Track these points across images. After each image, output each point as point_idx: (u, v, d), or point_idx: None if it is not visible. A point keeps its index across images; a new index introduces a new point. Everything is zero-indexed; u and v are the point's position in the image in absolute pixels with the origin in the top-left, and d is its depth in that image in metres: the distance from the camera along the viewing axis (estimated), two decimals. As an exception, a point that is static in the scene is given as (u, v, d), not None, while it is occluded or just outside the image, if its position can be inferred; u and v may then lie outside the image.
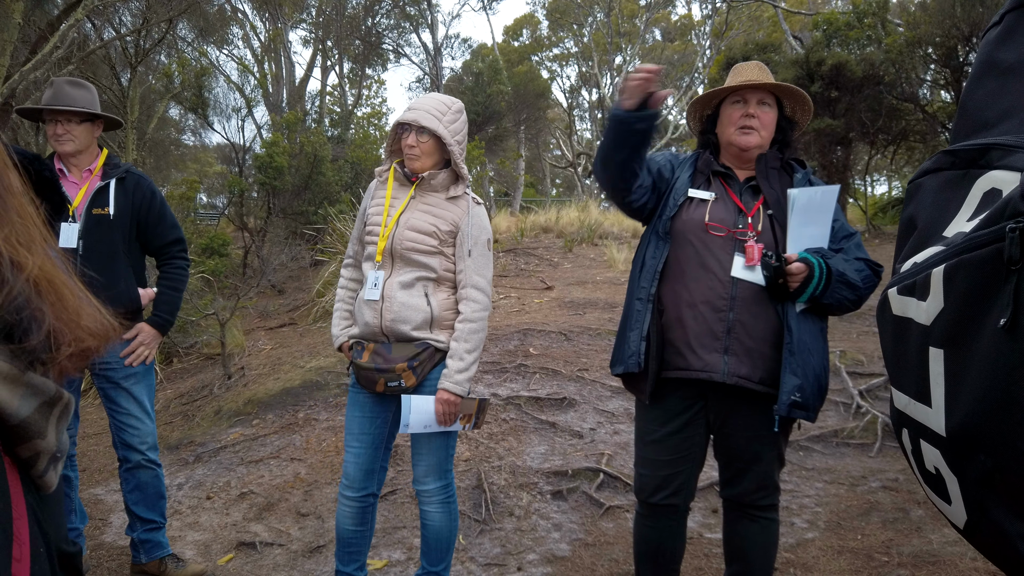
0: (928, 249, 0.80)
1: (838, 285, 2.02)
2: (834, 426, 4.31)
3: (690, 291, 2.12)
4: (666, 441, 2.19)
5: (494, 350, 5.75)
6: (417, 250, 2.37)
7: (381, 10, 19.40)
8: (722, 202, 2.19)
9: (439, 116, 2.39)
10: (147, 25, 10.43)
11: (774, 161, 2.25)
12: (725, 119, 2.25)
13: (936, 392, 0.77)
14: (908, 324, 0.82)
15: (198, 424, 5.11)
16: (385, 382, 2.34)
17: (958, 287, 0.72)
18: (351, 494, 2.47)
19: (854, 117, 11.10)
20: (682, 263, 2.16)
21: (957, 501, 0.77)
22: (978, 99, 0.86)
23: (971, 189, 0.77)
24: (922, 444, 0.82)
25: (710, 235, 2.14)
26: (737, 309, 2.07)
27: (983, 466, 0.70)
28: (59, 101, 2.75)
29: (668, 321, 2.15)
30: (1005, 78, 0.82)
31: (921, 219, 0.87)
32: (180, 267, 2.95)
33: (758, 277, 2.07)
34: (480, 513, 3.51)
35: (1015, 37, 0.83)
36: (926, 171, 0.89)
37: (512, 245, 10.73)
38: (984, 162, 0.77)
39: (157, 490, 2.92)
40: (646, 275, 2.20)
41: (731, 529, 2.29)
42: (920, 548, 2.96)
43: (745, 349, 2.06)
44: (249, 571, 3.11)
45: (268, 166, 10.20)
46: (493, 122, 17.69)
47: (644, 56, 24.80)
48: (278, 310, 8.60)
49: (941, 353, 0.75)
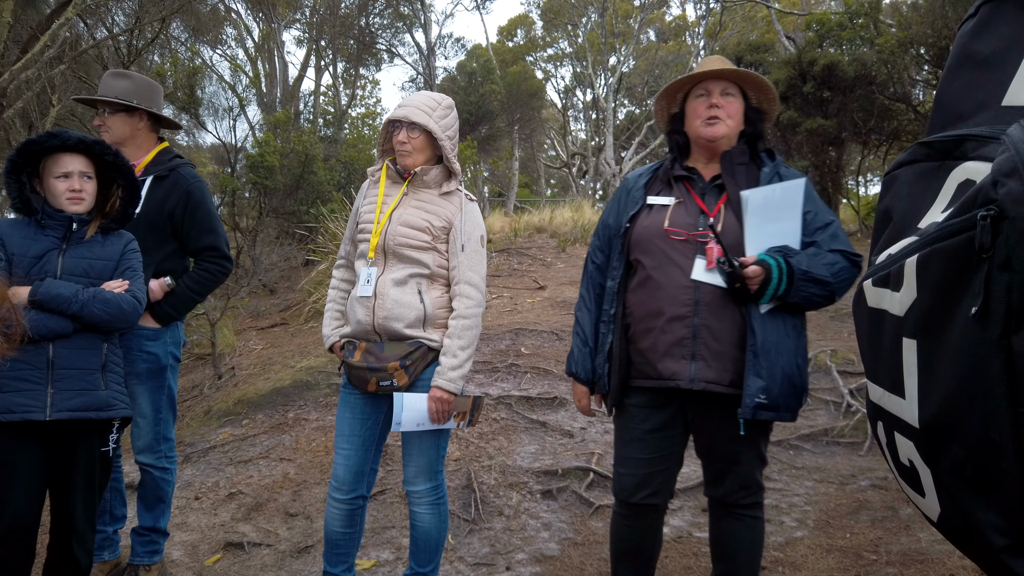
0: (903, 240, 0.80)
1: (803, 283, 1.99)
2: (824, 425, 4.32)
3: (655, 299, 2.11)
4: (646, 439, 2.19)
5: (486, 349, 5.75)
6: (410, 246, 2.36)
7: (375, 10, 19.37)
8: (684, 205, 2.18)
9: (429, 112, 2.39)
10: (140, 25, 10.38)
11: (741, 156, 2.19)
12: (691, 114, 2.24)
13: (910, 383, 0.76)
14: (883, 316, 0.81)
15: (188, 424, 5.08)
16: (377, 381, 2.32)
17: (931, 276, 0.71)
18: (340, 496, 2.45)
19: (847, 117, 11.12)
20: (647, 272, 2.16)
21: (931, 493, 0.77)
22: (953, 91, 0.86)
23: (946, 180, 0.77)
24: (896, 436, 0.81)
25: (670, 240, 2.12)
26: (701, 313, 2.05)
27: (956, 457, 0.70)
28: (99, 92, 2.76)
29: (637, 332, 2.16)
30: (980, 70, 0.82)
31: (897, 211, 0.86)
32: (207, 269, 2.85)
33: (720, 279, 2.05)
34: (469, 513, 3.50)
35: (990, 29, 0.82)
36: (902, 163, 0.88)
37: (506, 245, 10.73)
38: (959, 153, 0.77)
39: (155, 493, 2.89)
40: (607, 297, 2.25)
41: (717, 528, 2.28)
42: (908, 546, 2.96)
43: (712, 353, 2.04)
44: (237, 571, 3.09)
45: (259, 165, 10.16)
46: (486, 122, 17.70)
47: (639, 56, 24.81)
48: (269, 310, 8.58)
49: (915, 343, 0.75)
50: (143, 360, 2.75)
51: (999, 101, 0.77)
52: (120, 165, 2.38)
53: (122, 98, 2.78)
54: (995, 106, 0.77)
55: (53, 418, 2.15)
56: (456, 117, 2.50)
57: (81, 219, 2.31)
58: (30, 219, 2.28)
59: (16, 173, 2.24)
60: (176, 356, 2.92)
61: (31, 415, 2.12)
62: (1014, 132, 0.65)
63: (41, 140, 2.24)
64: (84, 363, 2.23)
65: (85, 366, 2.23)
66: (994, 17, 0.82)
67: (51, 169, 2.27)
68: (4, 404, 2.10)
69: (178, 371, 2.99)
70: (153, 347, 2.78)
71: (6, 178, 2.23)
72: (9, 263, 2.19)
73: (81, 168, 2.29)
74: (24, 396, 2.12)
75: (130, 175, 2.41)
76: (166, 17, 10.63)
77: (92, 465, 2.27)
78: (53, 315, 2.16)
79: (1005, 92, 0.76)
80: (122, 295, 2.29)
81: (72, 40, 9.58)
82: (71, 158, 2.28)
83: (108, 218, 2.39)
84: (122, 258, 2.39)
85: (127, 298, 2.30)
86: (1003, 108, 0.75)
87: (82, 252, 2.30)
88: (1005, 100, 0.76)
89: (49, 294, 2.15)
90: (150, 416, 2.81)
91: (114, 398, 2.30)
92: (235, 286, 7.65)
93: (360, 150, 12.48)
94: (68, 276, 2.24)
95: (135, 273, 2.40)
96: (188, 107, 12.00)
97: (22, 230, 2.25)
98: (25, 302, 2.14)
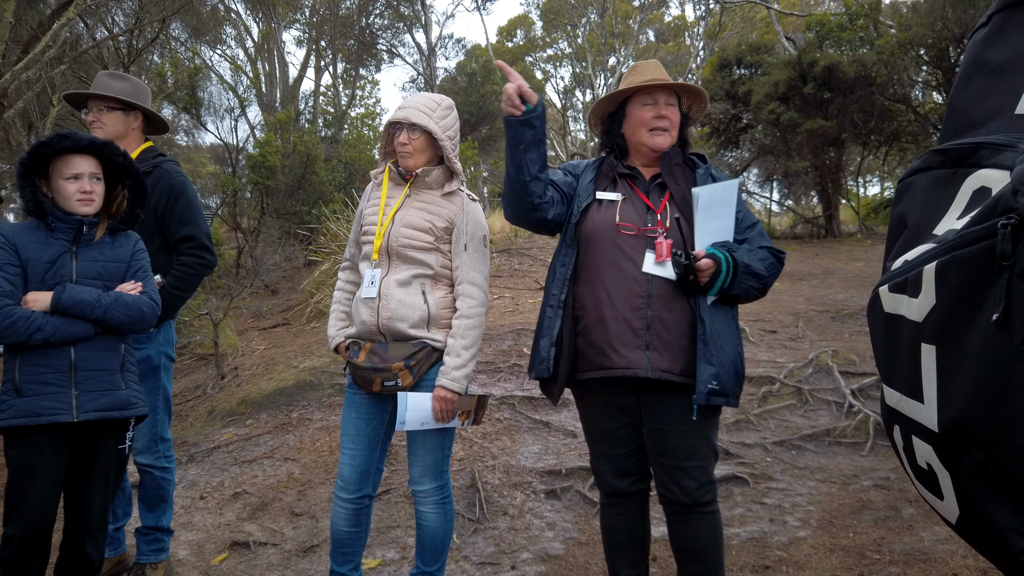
0: (919, 247, 0.80)
1: (744, 276, 2.12)
2: (826, 425, 4.33)
3: (608, 292, 2.17)
4: (614, 435, 2.26)
5: (488, 350, 5.76)
6: (413, 247, 2.38)
7: (375, 10, 19.37)
8: (630, 202, 2.26)
9: (429, 112, 2.41)
10: (140, 25, 10.38)
11: (676, 158, 2.32)
12: (635, 120, 2.29)
13: (928, 388, 0.77)
14: (900, 321, 0.82)
15: (191, 424, 5.10)
16: (382, 382, 2.33)
17: (950, 283, 0.72)
18: (346, 496, 2.47)
19: (846, 118, 11.15)
20: (598, 265, 2.21)
21: (949, 496, 0.78)
22: (966, 99, 0.87)
23: (961, 187, 0.78)
24: (914, 440, 0.82)
25: (622, 235, 2.20)
26: (654, 305, 2.14)
27: (976, 460, 0.70)
28: (94, 89, 2.80)
29: (589, 323, 2.20)
30: (993, 78, 0.83)
31: (911, 217, 0.87)
32: (186, 264, 2.85)
33: (669, 272, 2.14)
34: (474, 512, 3.52)
35: (1003, 37, 0.83)
36: (916, 170, 0.89)
37: (506, 245, 10.74)
38: (973, 161, 0.77)
39: (156, 493, 2.91)
40: (556, 283, 2.27)
41: (679, 532, 2.24)
42: (912, 546, 2.98)
43: (664, 343, 2.12)
44: (243, 571, 3.11)
45: (261, 165, 10.18)
46: (487, 122, 17.71)
47: (638, 57, 24.84)
48: (271, 310, 8.59)
49: (933, 349, 0.76)
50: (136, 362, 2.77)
51: (1012, 109, 0.78)
52: (128, 166, 2.40)
53: (117, 95, 2.84)
54: (1008, 114, 0.78)
55: (80, 419, 2.19)
56: (456, 117, 2.51)
57: (90, 221, 2.33)
58: (39, 222, 2.29)
59: (28, 176, 2.25)
60: (169, 356, 2.94)
61: (59, 417, 2.16)
62: None
63: (52, 142, 2.25)
64: (105, 364, 2.27)
65: (106, 367, 2.27)
66: (1006, 26, 0.83)
67: (60, 170, 2.27)
68: (30, 408, 2.14)
69: (172, 371, 3.00)
70: (146, 348, 2.79)
71: (19, 181, 2.24)
72: (23, 269, 2.21)
73: (91, 170, 2.30)
74: (50, 399, 2.16)
75: (137, 176, 2.43)
76: (166, 17, 10.63)
77: (110, 463, 2.31)
78: (76, 320, 2.20)
79: (1019, 100, 0.77)
80: (140, 297, 2.32)
81: (72, 40, 9.59)
82: (81, 159, 2.29)
83: (115, 219, 2.41)
84: (132, 259, 2.41)
85: (146, 300, 2.33)
86: (1016, 116, 0.76)
87: (94, 254, 2.32)
88: (1018, 108, 0.77)
89: (72, 300, 2.18)
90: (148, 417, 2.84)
91: (134, 397, 2.35)
92: (237, 286, 7.67)
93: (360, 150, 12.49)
94: (83, 279, 2.26)
95: (146, 274, 2.42)
96: (189, 107, 12.01)
97: (33, 234, 2.26)
98: (47, 308, 2.17)
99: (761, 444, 4.15)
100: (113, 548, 2.95)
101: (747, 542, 3.13)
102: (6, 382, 2.19)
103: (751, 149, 14.37)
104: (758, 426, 4.41)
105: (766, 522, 3.31)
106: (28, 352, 2.18)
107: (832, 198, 12.46)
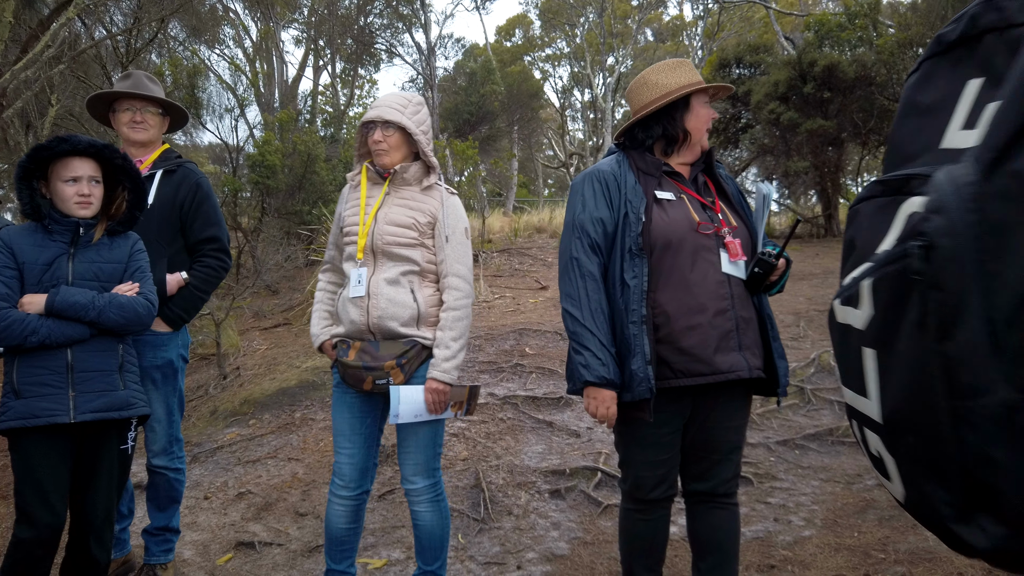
0: (862, 265, 0.94)
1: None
2: (829, 424, 4.34)
3: (694, 295, 2.09)
4: (663, 441, 2.21)
5: (490, 350, 5.76)
6: (398, 243, 2.40)
7: (374, 10, 19.36)
8: (687, 201, 2.20)
9: (401, 109, 2.44)
10: (138, 24, 10.37)
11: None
12: (702, 116, 2.23)
13: (871, 386, 0.91)
14: (848, 330, 0.96)
15: (194, 424, 5.10)
16: (373, 380, 2.34)
17: (882, 296, 0.87)
18: (347, 493, 2.47)
19: (846, 118, 11.17)
20: (680, 269, 2.11)
21: (896, 478, 0.91)
22: (902, 135, 1.00)
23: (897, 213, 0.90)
24: (866, 432, 0.96)
25: (698, 235, 2.14)
26: (737, 305, 2.14)
27: (910, 445, 0.85)
28: (143, 91, 2.84)
29: (675, 331, 2.09)
30: (923, 118, 0.96)
31: (859, 240, 1.00)
32: (208, 265, 2.87)
33: (740, 272, 2.16)
34: (479, 512, 3.52)
35: (931, 81, 0.97)
36: (862, 198, 1.02)
37: (506, 245, 10.74)
38: (907, 190, 0.90)
39: (168, 495, 2.91)
40: (634, 297, 2.09)
41: (702, 523, 2.29)
42: (916, 545, 2.99)
43: (750, 342, 2.16)
44: (248, 571, 3.11)
45: (261, 165, 10.17)
46: (486, 122, 17.71)
47: (637, 56, 24.84)
48: (273, 310, 8.58)
49: (873, 353, 0.90)
50: (157, 366, 2.77)
51: (938, 144, 0.90)
52: (127, 168, 2.39)
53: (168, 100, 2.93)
54: (935, 149, 0.91)
55: (78, 420, 2.17)
56: (428, 114, 2.55)
57: (87, 223, 2.32)
58: (36, 225, 2.28)
59: (27, 179, 2.25)
60: (184, 357, 2.95)
61: (56, 418, 2.15)
62: (939, 176, 0.80)
63: (52, 145, 2.23)
64: (102, 365, 2.26)
65: (103, 368, 2.26)
66: (933, 72, 0.97)
67: (59, 173, 2.26)
68: (28, 410, 2.13)
69: (184, 371, 3.01)
70: (166, 352, 2.80)
71: (17, 184, 2.24)
72: (20, 272, 2.20)
73: (90, 172, 2.29)
74: (47, 400, 2.15)
75: (136, 178, 2.43)
76: (165, 17, 10.61)
77: (113, 464, 2.30)
78: (71, 322, 2.19)
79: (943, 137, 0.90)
80: (136, 299, 2.31)
81: (71, 40, 9.56)
82: (80, 162, 2.27)
83: (114, 220, 2.40)
84: (130, 260, 2.40)
85: (141, 301, 2.32)
86: (940, 150, 0.89)
87: (91, 256, 2.31)
88: (943, 144, 0.90)
89: (66, 302, 2.17)
90: (164, 420, 2.84)
91: (133, 397, 2.33)
92: (238, 286, 7.66)
93: (360, 150, 12.46)
94: (79, 281, 2.25)
95: (144, 274, 2.41)
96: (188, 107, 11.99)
97: (30, 237, 2.25)
98: (42, 310, 2.16)
99: (764, 444, 4.16)
100: (118, 549, 2.95)
101: (752, 542, 3.13)
102: (6, 384, 2.19)
103: (751, 149, 14.39)
104: (761, 426, 4.42)
105: (771, 521, 3.31)
106: (26, 354, 2.18)
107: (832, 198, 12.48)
